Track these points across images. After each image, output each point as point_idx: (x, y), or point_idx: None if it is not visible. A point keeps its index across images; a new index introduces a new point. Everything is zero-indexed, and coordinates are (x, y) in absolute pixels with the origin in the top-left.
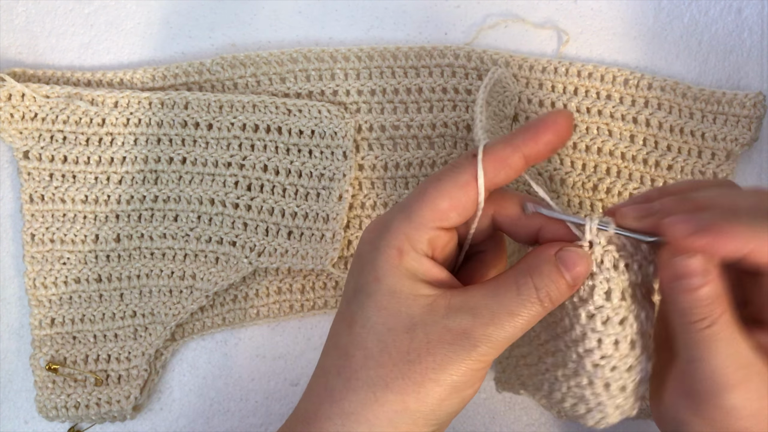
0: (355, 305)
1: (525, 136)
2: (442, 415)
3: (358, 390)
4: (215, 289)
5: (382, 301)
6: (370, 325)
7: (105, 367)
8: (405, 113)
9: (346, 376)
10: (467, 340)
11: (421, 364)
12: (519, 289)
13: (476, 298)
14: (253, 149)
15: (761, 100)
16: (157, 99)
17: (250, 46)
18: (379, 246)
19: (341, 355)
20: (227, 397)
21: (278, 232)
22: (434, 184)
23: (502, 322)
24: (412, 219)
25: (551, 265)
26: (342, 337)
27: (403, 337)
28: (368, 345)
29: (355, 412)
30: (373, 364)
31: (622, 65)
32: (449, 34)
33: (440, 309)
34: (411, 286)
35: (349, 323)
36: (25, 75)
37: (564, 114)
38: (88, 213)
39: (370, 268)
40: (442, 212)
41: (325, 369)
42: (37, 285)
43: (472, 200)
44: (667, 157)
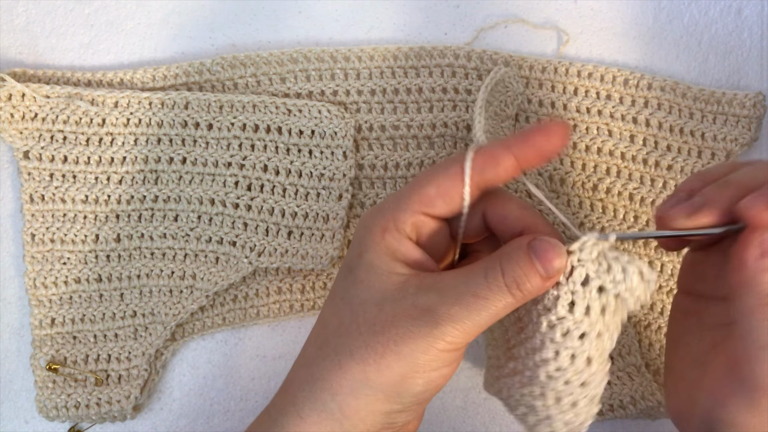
0: (340, 280)
1: (517, 138)
2: (404, 395)
3: (326, 357)
4: (215, 289)
5: (360, 275)
6: (348, 297)
7: (105, 367)
8: (405, 113)
9: (319, 343)
10: (431, 316)
11: (384, 335)
12: (486, 272)
13: (446, 279)
14: (253, 149)
15: (761, 100)
16: (157, 99)
17: (250, 46)
18: (368, 225)
19: (320, 326)
20: (227, 397)
21: (278, 232)
22: (426, 173)
23: (467, 303)
24: (399, 201)
25: (521, 252)
26: (324, 310)
27: (373, 309)
28: (342, 315)
29: (321, 377)
30: (343, 332)
31: (622, 65)
32: (449, 34)
33: (411, 287)
34: (388, 263)
35: (332, 296)
36: (26, 75)
37: (559, 122)
38: (88, 213)
39: (356, 245)
40: (429, 198)
41: (307, 340)
42: (37, 285)
43: (459, 192)
44: (667, 157)
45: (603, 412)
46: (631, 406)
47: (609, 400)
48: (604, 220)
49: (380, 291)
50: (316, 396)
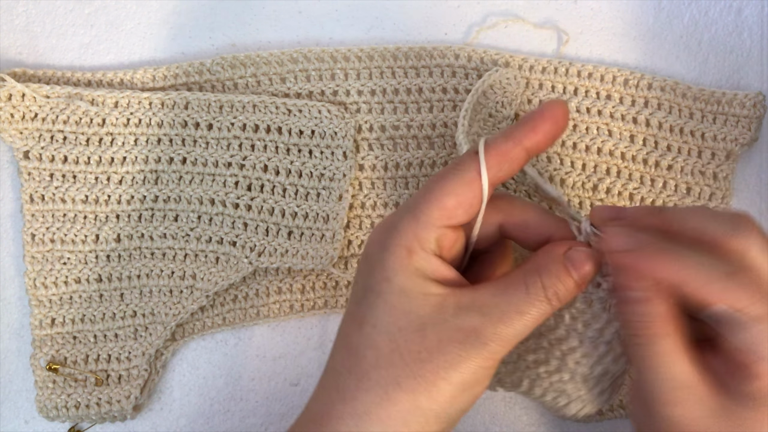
0: (365, 305)
1: (524, 129)
2: (452, 413)
3: (369, 390)
4: (215, 289)
5: (392, 301)
6: (381, 324)
7: (105, 367)
8: (405, 113)
9: (358, 376)
10: (477, 338)
11: (432, 363)
12: (528, 288)
13: (485, 296)
14: (253, 149)
15: (761, 100)
16: (157, 99)
17: (250, 46)
18: (388, 246)
19: (352, 355)
20: (227, 397)
21: (278, 232)
22: (439, 182)
23: (511, 321)
24: (419, 218)
25: (560, 265)
26: (353, 338)
27: (414, 336)
28: (379, 345)
29: (367, 411)
30: (385, 363)
31: (622, 65)
32: (449, 34)
33: (450, 308)
34: (421, 285)
35: (359, 323)
36: (26, 75)
37: (559, 103)
38: (88, 213)
39: (379, 268)
40: (450, 210)
41: (336, 369)
42: (37, 285)
43: (477, 197)
44: (667, 157)
45: (603, 412)
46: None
47: None
48: None
49: (418, 316)
50: (363, 430)
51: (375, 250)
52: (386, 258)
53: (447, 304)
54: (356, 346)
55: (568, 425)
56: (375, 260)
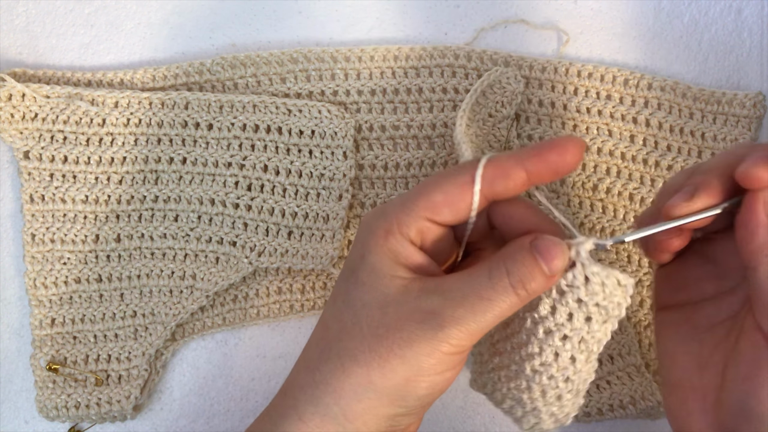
0: (341, 281)
1: (529, 151)
2: (408, 398)
3: (329, 360)
4: (215, 289)
5: (362, 277)
6: (349, 299)
7: (105, 367)
8: (405, 113)
9: (321, 347)
10: (435, 319)
11: (388, 339)
12: (491, 272)
13: (449, 282)
14: (253, 149)
15: (761, 100)
16: (157, 99)
17: (250, 46)
18: (371, 226)
19: (321, 328)
20: (227, 397)
21: (278, 232)
22: (434, 178)
23: (471, 305)
24: (405, 205)
25: (525, 251)
26: (326, 312)
27: (376, 312)
28: (344, 318)
29: (324, 381)
30: (345, 336)
31: (622, 65)
32: (449, 34)
33: (414, 290)
34: (391, 267)
35: (333, 298)
36: (26, 75)
37: (575, 139)
38: (88, 213)
39: (359, 247)
40: (435, 204)
41: (308, 342)
42: (37, 285)
43: (466, 201)
44: (667, 157)
45: (603, 412)
46: (631, 406)
47: (609, 400)
48: (604, 220)
49: (383, 294)
50: (318, 399)
51: (361, 230)
52: (367, 237)
53: (412, 287)
54: (326, 319)
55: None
56: (358, 240)
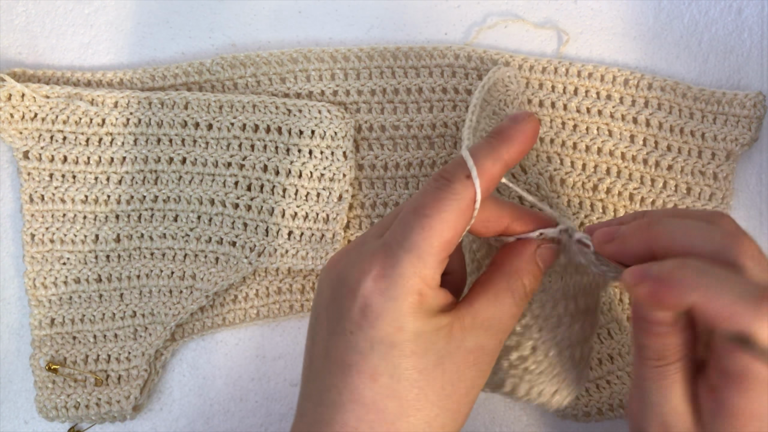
0: (376, 357)
1: (506, 147)
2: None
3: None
4: (215, 289)
5: (410, 348)
6: (399, 373)
7: (105, 367)
8: (405, 113)
9: (383, 429)
10: (485, 354)
11: (456, 394)
12: (513, 293)
13: (482, 311)
14: (253, 149)
15: (761, 100)
16: (157, 99)
17: (250, 46)
18: (395, 296)
19: (370, 411)
20: (227, 397)
21: (278, 232)
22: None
23: (508, 328)
24: (424, 259)
25: (534, 265)
26: (366, 391)
27: (435, 374)
28: (401, 394)
29: None
30: (412, 410)
31: (622, 65)
32: (449, 34)
33: (458, 334)
34: (433, 323)
35: (371, 376)
36: (25, 75)
37: (530, 118)
38: (88, 213)
39: (390, 320)
40: (450, 243)
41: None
42: (37, 285)
43: (468, 223)
44: (667, 157)
45: (603, 412)
46: None
47: (609, 399)
48: (604, 220)
49: (435, 353)
50: None
51: (377, 300)
52: (396, 308)
53: (455, 332)
54: (373, 399)
55: (567, 425)
56: (381, 310)
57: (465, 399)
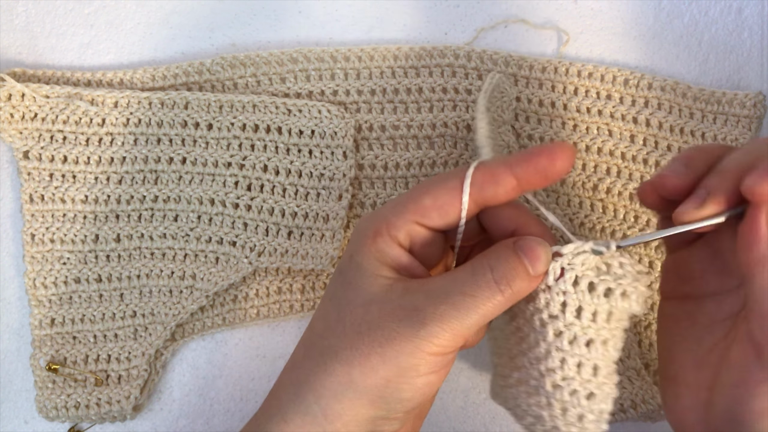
0: (331, 283)
1: (520, 158)
2: (390, 400)
3: (311, 358)
4: (215, 289)
5: (349, 277)
6: (336, 298)
7: (105, 367)
8: (405, 113)
9: (306, 345)
10: (417, 317)
11: (370, 336)
12: (474, 270)
13: (433, 281)
14: (253, 149)
15: (761, 100)
16: (157, 99)
17: (250, 46)
18: (361, 228)
19: (309, 328)
20: (227, 397)
21: (278, 232)
22: (425, 183)
23: (454, 302)
24: (396, 208)
25: (508, 249)
26: (316, 312)
27: (359, 310)
28: (329, 317)
29: (306, 380)
30: (329, 333)
31: (622, 65)
32: (449, 34)
33: (398, 290)
34: (377, 267)
35: (323, 298)
36: (25, 75)
37: (565, 145)
38: (88, 213)
39: (349, 248)
40: (424, 208)
41: (298, 343)
42: (37, 285)
43: (455, 207)
44: (667, 157)
45: None
46: (632, 409)
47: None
48: (604, 220)
49: (367, 293)
50: (300, 399)
51: (353, 233)
52: (356, 238)
53: (396, 287)
54: (314, 319)
55: None
56: (350, 242)
57: (379, 348)
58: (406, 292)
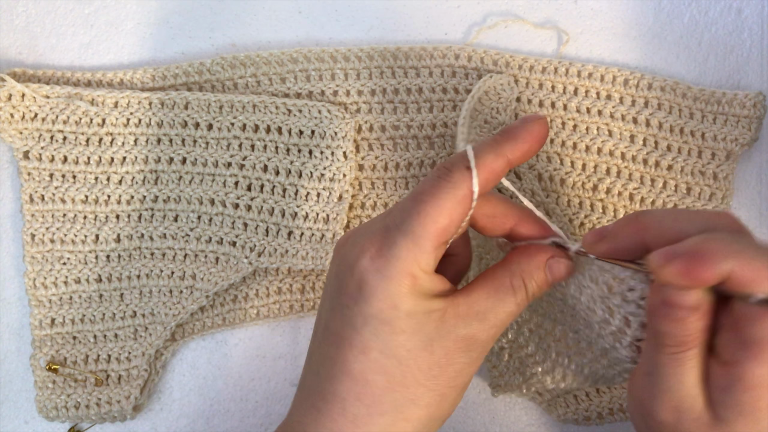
0: (368, 332)
1: (506, 142)
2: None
3: (384, 414)
4: (215, 289)
5: (401, 326)
6: (389, 349)
7: (105, 367)
8: (405, 113)
9: (368, 402)
10: (475, 343)
11: (444, 377)
12: (514, 291)
13: (479, 302)
14: (253, 149)
15: (761, 100)
16: (157, 99)
17: (250, 46)
18: (390, 275)
19: (359, 384)
20: (227, 397)
21: (278, 232)
22: (433, 201)
23: (503, 323)
24: (419, 243)
25: (542, 272)
26: (355, 365)
27: (424, 354)
28: (389, 370)
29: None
30: (398, 386)
31: (622, 65)
32: (449, 34)
33: (450, 319)
34: (426, 305)
35: (362, 350)
36: (25, 75)
37: (540, 120)
38: (88, 213)
39: (383, 297)
40: (445, 230)
41: (340, 396)
42: (37, 285)
43: (466, 212)
44: (667, 157)
45: (603, 416)
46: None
47: (609, 404)
48: (605, 220)
49: (425, 334)
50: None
51: (374, 278)
52: (390, 287)
53: (448, 317)
54: (362, 372)
55: (567, 427)
56: (376, 289)
57: (452, 383)
58: (459, 320)
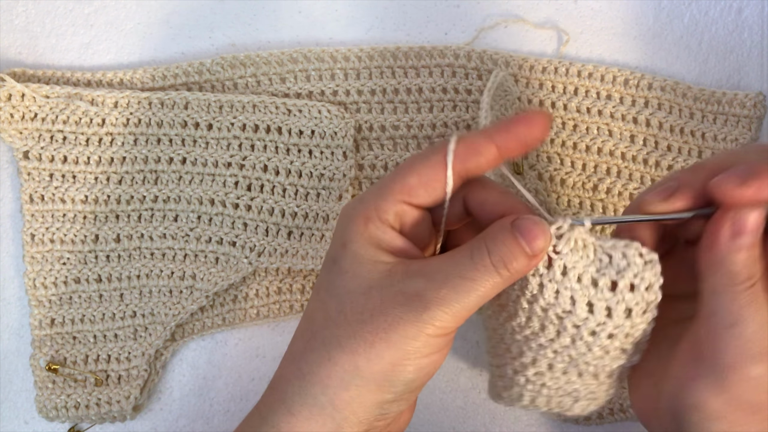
0: (324, 272)
1: (500, 128)
2: (396, 383)
3: (314, 350)
4: (215, 289)
5: (345, 266)
6: (333, 288)
7: (105, 368)
8: (405, 113)
9: (306, 337)
10: (419, 301)
11: (373, 324)
12: (472, 253)
13: (432, 264)
14: (253, 149)
15: (761, 100)
16: (157, 99)
17: (250, 46)
18: (350, 215)
19: (306, 320)
20: (227, 397)
21: (278, 232)
22: (407, 162)
23: (454, 285)
24: (381, 191)
25: (506, 231)
26: (310, 304)
27: (359, 298)
28: (328, 307)
29: (310, 371)
30: (330, 324)
31: (622, 65)
32: (449, 34)
33: (398, 274)
34: (373, 253)
35: (316, 290)
36: (25, 75)
37: (541, 112)
38: (88, 213)
39: (339, 236)
40: (410, 187)
41: (294, 335)
42: (37, 285)
43: (439, 180)
44: (667, 157)
45: (603, 416)
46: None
47: (609, 404)
48: None
49: (366, 280)
50: (306, 391)
51: (340, 220)
52: (346, 226)
53: (395, 272)
54: (310, 310)
55: (567, 427)
56: (338, 229)
57: (382, 335)
58: (406, 276)
